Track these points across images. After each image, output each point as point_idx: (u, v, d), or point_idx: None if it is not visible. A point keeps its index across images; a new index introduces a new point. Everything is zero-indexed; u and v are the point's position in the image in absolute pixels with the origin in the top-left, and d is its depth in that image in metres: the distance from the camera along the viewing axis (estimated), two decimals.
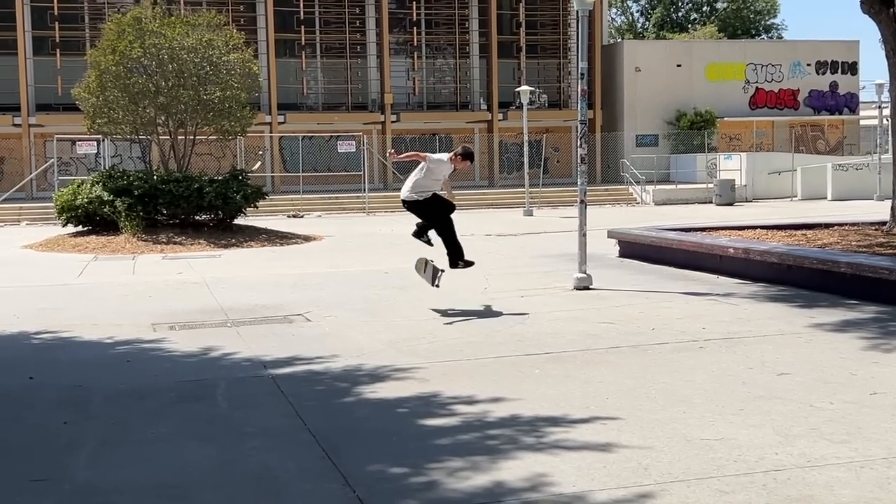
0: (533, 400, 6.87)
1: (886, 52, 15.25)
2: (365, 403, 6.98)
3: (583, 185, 12.87)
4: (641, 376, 7.51)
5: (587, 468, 5.33)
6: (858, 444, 5.58)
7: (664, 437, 5.86)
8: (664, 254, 14.66)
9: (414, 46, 41.13)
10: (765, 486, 4.98)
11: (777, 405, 6.50)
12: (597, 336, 9.19)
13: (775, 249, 12.42)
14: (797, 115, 44.33)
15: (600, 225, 24.79)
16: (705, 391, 6.98)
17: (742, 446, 5.62)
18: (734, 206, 33.17)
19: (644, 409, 6.52)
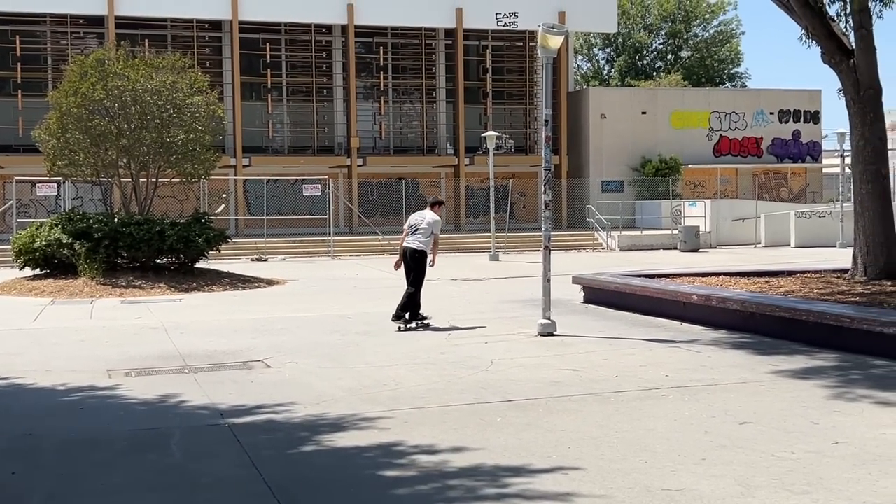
0: (494, 449, 6.81)
1: (847, 102, 15.50)
2: (324, 453, 6.89)
3: (547, 230, 12.88)
4: (604, 425, 7.48)
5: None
6: (820, 494, 5.57)
7: (625, 487, 5.82)
8: (628, 300, 14.70)
9: (381, 91, 41.32)
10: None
11: (739, 455, 6.49)
12: (560, 383, 9.16)
13: (738, 297, 12.49)
14: (760, 162, 44.90)
15: (566, 270, 24.82)
16: (668, 440, 6.95)
17: (703, 497, 5.59)
18: (699, 252, 33.42)
19: (606, 459, 6.48)
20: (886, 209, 15.33)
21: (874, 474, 5.91)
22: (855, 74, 15.26)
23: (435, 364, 10.40)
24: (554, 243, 36.06)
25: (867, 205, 15.35)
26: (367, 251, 34.16)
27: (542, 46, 12.68)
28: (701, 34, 70.67)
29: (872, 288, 13.76)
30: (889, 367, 9.57)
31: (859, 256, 15.41)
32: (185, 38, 38.03)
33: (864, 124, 15.31)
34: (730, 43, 71.18)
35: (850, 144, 15.86)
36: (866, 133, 15.31)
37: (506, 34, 41.73)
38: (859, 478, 5.85)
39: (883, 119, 15.39)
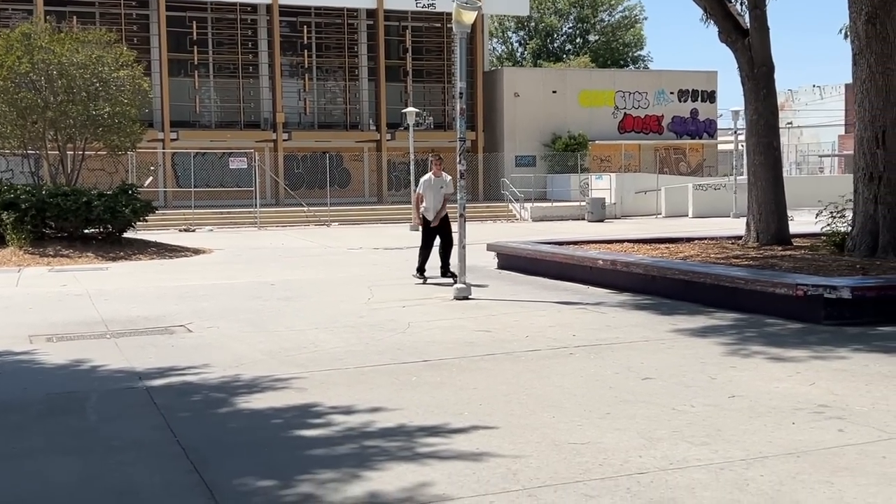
0: (410, 408, 6.57)
1: (742, 78, 15.54)
2: (239, 415, 6.57)
3: (462, 200, 12.63)
4: (514, 382, 7.29)
5: (458, 476, 5.05)
6: (718, 445, 5.45)
7: (534, 442, 5.63)
8: (539, 265, 14.58)
9: (305, 68, 40.55)
10: (629, 489, 4.79)
11: (641, 409, 6.36)
12: (473, 344, 8.96)
13: (640, 261, 12.43)
14: (661, 139, 45.34)
15: (482, 239, 24.67)
16: (574, 396, 6.79)
17: (607, 450, 5.43)
18: (605, 222, 33.60)
19: (516, 415, 6.29)
20: (777, 179, 15.46)
21: (769, 426, 5.82)
22: (750, 52, 15.30)
23: (354, 327, 10.11)
24: (470, 214, 35.93)
25: (760, 175, 15.45)
26: (292, 222, 33.59)
27: (457, 21, 12.39)
28: (607, 19, 70.97)
29: (764, 252, 13.86)
30: (781, 324, 9.57)
31: (752, 223, 15.53)
32: (112, 16, 36.82)
33: (757, 100, 15.37)
34: (633, 28, 71.64)
35: (745, 119, 15.94)
36: (759, 108, 15.37)
37: (424, 15, 41.28)
38: (755, 429, 5.75)
39: (775, 95, 15.49)
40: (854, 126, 13.32)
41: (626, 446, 5.49)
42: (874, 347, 8.27)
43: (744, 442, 5.50)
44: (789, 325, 9.50)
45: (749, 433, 5.68)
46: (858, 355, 7.93)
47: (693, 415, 6.15)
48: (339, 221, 33.93)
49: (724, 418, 6.04)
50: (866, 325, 9.39)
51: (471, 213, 36.37)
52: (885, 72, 12.53)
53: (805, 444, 5.41)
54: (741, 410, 6.23)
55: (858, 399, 6.41)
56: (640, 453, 5.35)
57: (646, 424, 5.95)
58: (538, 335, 9.35)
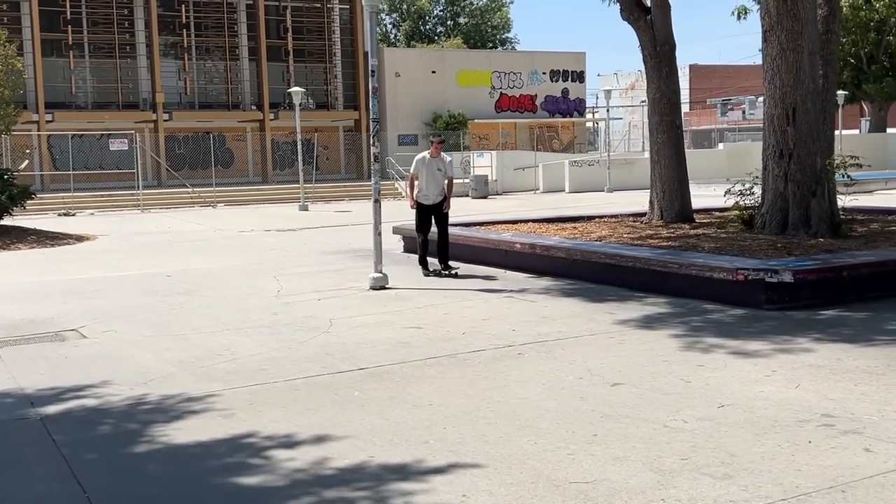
0: (362, 435, 5.33)
1: (644, 56, 14.72)
2: (158, 454, 5.18)
3: (377, 184, 11.37)
4: (471, 394, 6.13)
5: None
6: (744, 479, 4.42)
7: (528, 482, 4.49)
8: (451, 249, 13.39)
9: (184, 48, 38.03)
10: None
11: (630, 427, 5.30)
12: (409, 344, 7.75)
13: (561, 245, 11.44)
14: (535, 117, 44.79)
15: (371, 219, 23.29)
16: (546, 411, 5.68)
17: (620, 491, 4.34)
18: (488, 198, 32.71)
19: (491, 442, 5.13)
20: (680, 157, 14.75)
21: (785, 447, 4.84)
22: (652, 30, 14.47)
23: (269, 327, 8.74)
24: (357, 193, 34.63)
25: (663, 153, 14.71)
26: (176, 204, 31.43)
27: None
28: (476, 2, 70.12)
29: (676, 231, 13.10)
30: (722, 311, 8.72)
31: (656, 202, 14.79)
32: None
33: (660, 78, 14.59)
34: (500, 11, 71.04)
35: (647, 97, 15.14)
36: (662, 86, 14.60)
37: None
38: (772, 452, 4.76)
39: (677, 73, 14.74)
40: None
41: (639, 484, 4.40)
42: (833, 336, 7.46)
43: (770, 472, 4.50)
44: (732, 312, 8.65)
45: (768, 458, 4.69)
46: (823, 347, 7.09)
47: (692, 434, 5.12)
48: (224, 202, 31.95)
49: (729, 438, 5.03)
50: (806, 309, 8.63)
51: (357, 192, 35.11)
52: (796, 49, 11.85)
53: (841, 474, 4.44)
54: (741, 425, 5.24)
55: (860, 405, 5.52)
56: (661, 495, 4.27)
57: (645, 450, 4.88)
58: (475, 331, 8.21)
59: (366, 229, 20.04)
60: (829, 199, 12.26)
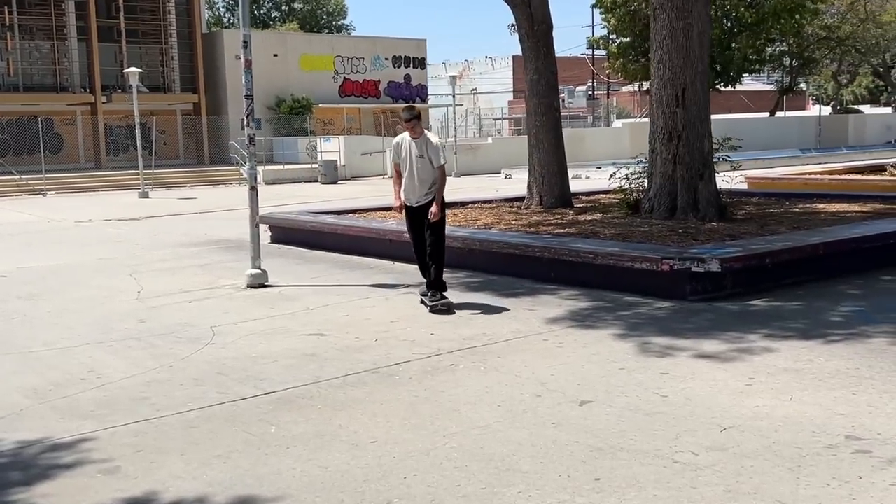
0: (301, 495, 3.96)
1: (521, 36, 13.71)
2: None
3: (252, 169, 9.81)
4: (419, 424, 4.85)
5: None
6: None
7: None
8: (326, 239, 12.01)
9: (6, 26, 34.19)
10: None
11: (633, 465, 4.18)
12: (317, 357, 6.36)
13: (456, 234, 10.26)
14: (379, 103, 43.39)
15: (227, 205, 21.59)
16: (520, 446, 4.49)
17: None
18: (338, 184, 31.19)
19: (472, 497, 3.89)
20: (559, 141, 13.87)
21: (835, 486, 3.84)
22: (529, 10, 13.47)
23: (139, 339, 7.12)
24: (200, 178, 32.22)
25: (542, 137, 13.78)
26: (2, 192, 28.13)
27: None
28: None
29: (563, 217, 12.19)
30: (647, 304, 7.78)
31: (535, 186, 13.86)
32: None
33: (537, 59, 13.62)
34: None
35: (525, 78, 14.14)
36: (540, 67, 13.64)
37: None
38: (828, 497, 3.75)
39: (554, 54, 13.80)
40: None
41: None
42: (784, 332, 6.63)
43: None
44: (659, 305, 7.73)
45: (819, 499, 3.67)
46: (783, 346, 6.23)
47: (713, 472, 4.05)
48: (55, 190, 28.89)
49: (761, 476, 3.99)
50: (731, 299, 7.84)
51: (199, 178, 32.69)
52: (686, 27, 11.12)
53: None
54: (764, 456, 4.22)
55: (878, 421, 4.62)
56: None
57: (672, 500, 3.77)
58: (389, 337, 6.91)
59: (219, 217, 18.31)
60: (714, 182, 11.67)
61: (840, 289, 8.21)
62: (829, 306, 7.45)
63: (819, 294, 7.98)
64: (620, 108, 71.34)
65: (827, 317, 7.07)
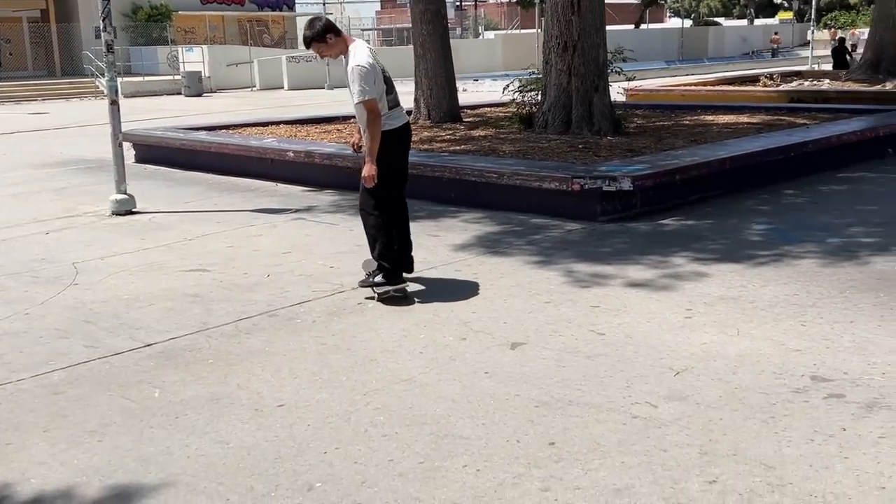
0: (197, 481, 3.20)
1: None
2: None
3: (112, 80, 8.54)
4: (332, 380, 4.12)
5: None
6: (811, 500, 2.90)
7: None
8: (199, 158, 10.88)
9: None
10: None
11: (589, 422, 3.60)
12: (201, 298, 5.49)
13: (346, 152, 9.37)
14: (244, 10, 40.94)
15: (83, 120, 19.86)
16: (454, 403, 3.84)
17: None
18: (203, 96, 29.30)
19: (408, 475, 3.21)
20: (446, 51, 13.02)
21: (820, 442, 3.36)
22: None
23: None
24: (52, 91, 29.61)
25: (428, 47, 12.88)
26: None
27: None
28: None
29: (455, 133, 11.45)
30: (557, 226, 7.21)
31: (422, 100, 13.02)
32: None
33: None
34: None
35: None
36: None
37: None
38: (817, 455, 3.26)
39: None
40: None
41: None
42: (707, 254, 6.18)
43: (850, 497, 2.99)
44: (570, 227, 7.18)
45: (820, 466, 3.18)
46: (712, 270, 5.78)
47: (680, 428, 3.51)
48: None
49: (735, 431, 3.47)
50: (641, 219, 7.37)
51: (51, 91, 30.00)
52: None
53: None
54: (730, 405, 3.69)
55: (839, 358, 4.19)
56: None
57: (642, 466, 3.21)
58: (282, 271, 6.09)
59: (75, 134, 16.65)
60: (608, 94, 11.16)
61: (748, 204, 7.87)
62: (744, 224, 7.07)
63: (728, 211, 7.61)
64: (488, 20, 70.48)
65: (745, 236, 6.68)
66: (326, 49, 5.18)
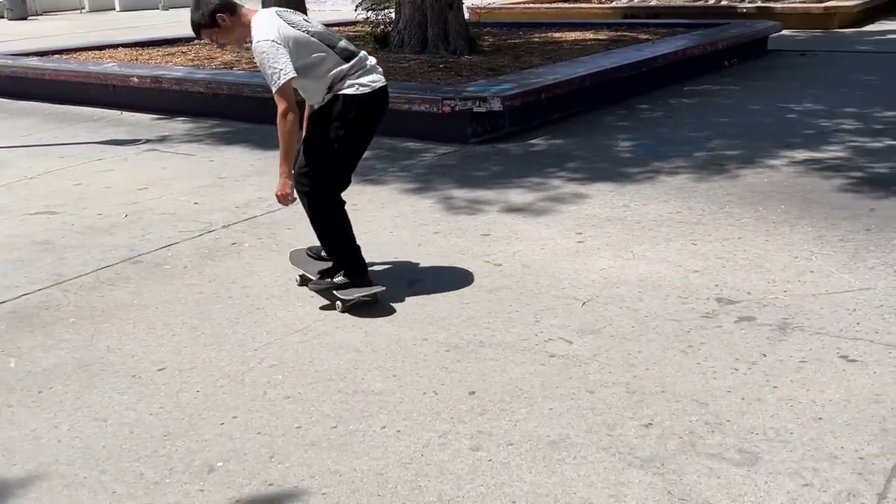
0: (72, 473, 2.62)
1: None
2: None
3: None
4: (216, 335, 3.58)
5: None
6: (775, 455, 2.66)
7: None
8: (31, 86, 9.62)
9: None
10: None
11: (505, 366, 3.23)
12: (53, 246, 4.72)
13: (195, 76, 8.48)
14: None
15: None
16: (358, 354, 3.39)
17: None
18: (28, 20, 26.51)
19: (324, 444, 2.76)
20: None
21: (746, 373, 3.14)
22: None
23: None
24: None
25: None
26: None
27: None
28: None
29: None
30: (428, 149, 6.74)
31: None
32: None
33: None
34: None
35: None
36: None
37: None
38: (747, 385, 3.03)
39: None
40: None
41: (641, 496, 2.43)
42: (581, 173, 5.90)
43: (792, 438, 2.76)
44: (442, 150, 6.73)
45: (751, 400, 2.95)
46: (593, 190, 5.49)
47: (601, 368, 3.20)
48: None
49: (657, 365, 3.20)
50: (510, 140, 7.02)
51: None
52: None
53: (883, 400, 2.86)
54: (644, 335, 3.43)
55: (737, 277, 3.99)
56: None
57: (572, 414, 2.89)
58: (141, 210, 5.36)
59: None
60: (463, 12, 10.64)
61: (608, 121, 7.66)
62: (611, 141, 6.85)
63: (592, 128, 7.37)
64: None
65: (615, 153, 6.45)
66: (222, 35, 3.64)
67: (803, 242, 4.36)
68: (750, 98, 8.40)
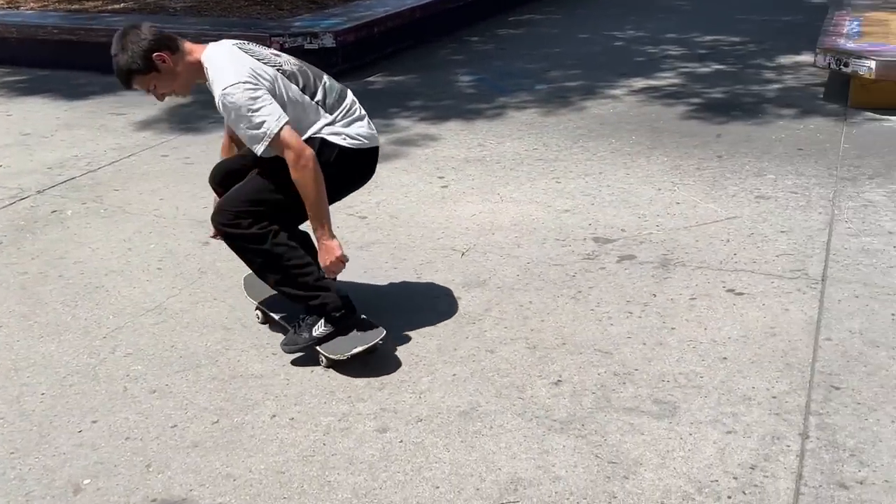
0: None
1: None
2: None
3: None
4: (55, 323, 3.09)
5: None
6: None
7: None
8: None
9: None
10: None
11: (393, 330, 2.99)
12: None
13: (6, 20, 7.40)
14: None
15: None
16: (245, 328, 3.02)
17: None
18: None
19: (207, 446, 2.42)
20: None
21: (631, 310, 3.05)
22: None
23: None
24: None
25: None
26: None
27: None
28: None
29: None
30: None
31: None
32: None
33: None
34: None
35: None
36: None
37: None
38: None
39: None
40: None
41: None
42: (434, 113, 5.65)
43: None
44: None
45: (648, 337, 2.88)
46: (444, 130, 5.26)
47: (496, 324, 3.01)
48: None
49: (553, 315, 3.05)
50: (345, 77, 6.57)
51: None
52: None
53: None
54: (531, 284, 3.27)
55: (605, 213, 3.92)
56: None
57: (478, 375, 2.69)
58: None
59: None
60: None
61: (442, 54, 7.42)
62: (450, 76, 6.61)
63: (428, 63, 7.10)
64: None
65: (457, 89, 6.23)
66: (163, 82, 2.63)
67: (662, 174, 4.36)
68: (576, 27, 8.40)
